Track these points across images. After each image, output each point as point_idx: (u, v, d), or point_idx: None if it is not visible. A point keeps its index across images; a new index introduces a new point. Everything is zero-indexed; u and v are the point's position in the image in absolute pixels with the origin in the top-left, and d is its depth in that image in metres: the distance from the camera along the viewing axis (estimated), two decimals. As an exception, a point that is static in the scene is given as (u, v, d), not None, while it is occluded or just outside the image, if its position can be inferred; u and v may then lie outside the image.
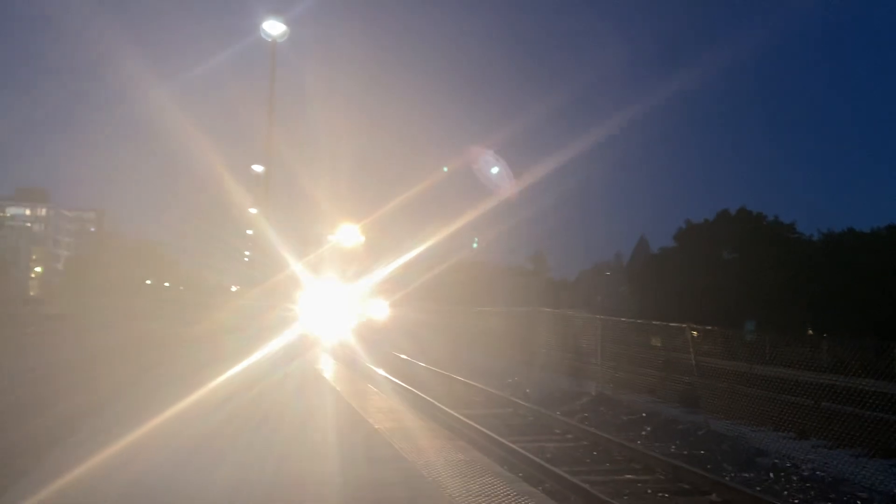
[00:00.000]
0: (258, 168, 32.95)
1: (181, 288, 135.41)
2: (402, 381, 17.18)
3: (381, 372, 19.17)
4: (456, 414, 13.06)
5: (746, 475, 9.79)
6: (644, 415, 13.98)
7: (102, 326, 33.52)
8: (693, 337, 14.53)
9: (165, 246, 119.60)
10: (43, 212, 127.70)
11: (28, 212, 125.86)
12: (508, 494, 6.29)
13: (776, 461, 10.36)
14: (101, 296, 70.69)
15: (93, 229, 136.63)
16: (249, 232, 49.97)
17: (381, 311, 32.15)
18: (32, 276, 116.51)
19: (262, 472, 7.02)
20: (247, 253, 61.19)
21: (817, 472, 9.56)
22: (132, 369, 15.63)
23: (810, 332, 35.50)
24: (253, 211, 41.47)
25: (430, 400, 14.49)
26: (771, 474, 9.72)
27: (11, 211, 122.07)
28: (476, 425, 12.00)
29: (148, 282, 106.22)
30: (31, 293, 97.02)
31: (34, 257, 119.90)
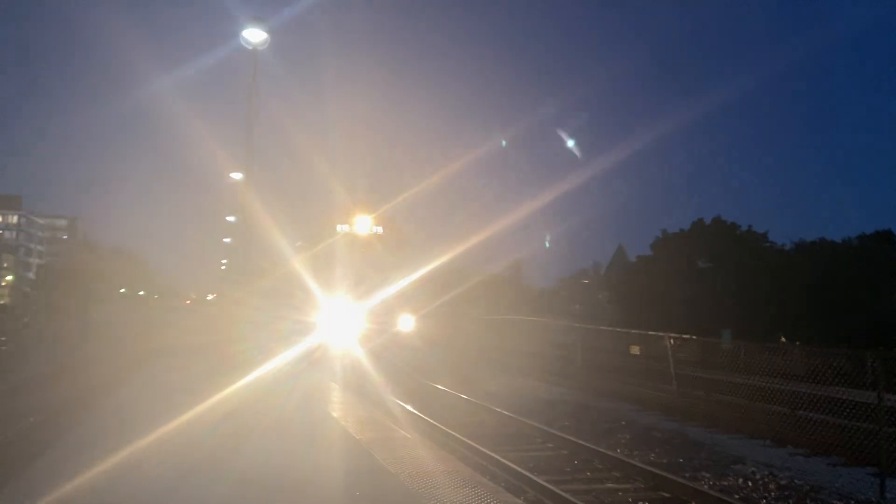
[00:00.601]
0: (237, 175, 32.60)
1: (155, 296, 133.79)
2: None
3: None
4: (437, 424, 13.04)
5: (725, 483, 9.89)
6: (623, 423, 14.07)
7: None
8: (671, 345, 14.68)
9: (142, 253, 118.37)
10: (14, 219, 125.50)
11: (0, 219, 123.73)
12: (492, 505, 6.29)
13: (754, 469, 10.49)
14: (71, 305, 69.40)
15: (65, 237, 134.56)
16: (227, 240, 49.45)
17: (388, 322, 25.84)
18: (3, 283, 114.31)
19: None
20: (224, 261, 60.62)
21: (795, 480, 9.68)
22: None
23: (783, 339, 36.01)
24: (231, 219, 41.12)
25: (415, 411, 14.45)
26: (749, 482, 9.82)
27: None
28: (458, 435, 11.99)
29: (122, 290, 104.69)
30: (2, 301, 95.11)
31: (5, 265, 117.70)
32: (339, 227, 24.69)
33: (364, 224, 24.64)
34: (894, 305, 37.71)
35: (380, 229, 25.32)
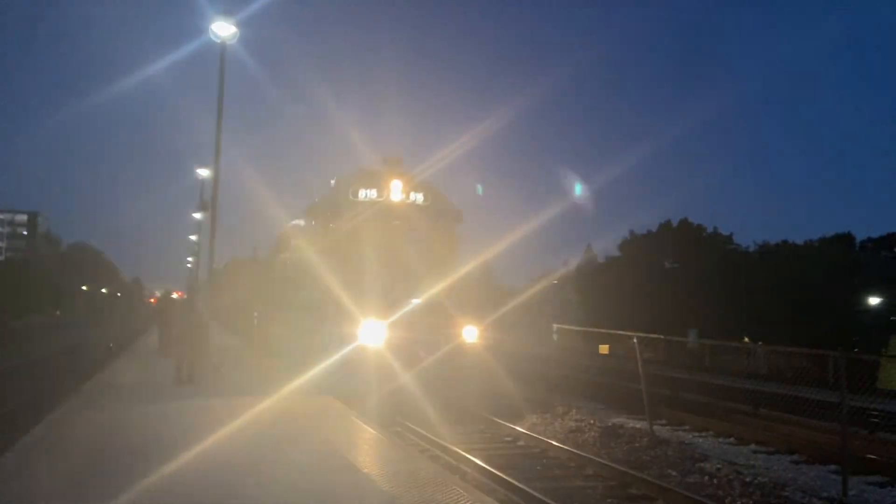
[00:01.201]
0: (203, 172, 32.08)
1: (118, 294, 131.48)
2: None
3: None
4: (405, 422, 12.97)
5: (690, 481, 10.02)
6: (592, 421, 14.15)
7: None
8: (638, 345, 14.81)
9: (106, 250, 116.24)
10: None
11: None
12: (464, 504, 6.19)
13: (719, 466, 10.63)
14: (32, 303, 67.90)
15: (25, 232, 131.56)
16: (193, 238, 48.70)
17: (442, 331, 15.26)
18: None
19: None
20: (190, 259, 59.77)
21: (759, 478, 9.83)
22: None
23: (746, 339, 36.66)
24: (198, 216, 40.52)
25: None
26: (714, 480, 9.96)
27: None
28: (428, 434, 11.96)
29: (84, 287, 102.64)
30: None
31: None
32: (362, 194, 15.92)
33: (397, 190, 15.77)
34: (855, 307, 38.66)
35: (420, 197, 16.25)
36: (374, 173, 16.10)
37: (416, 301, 14.52)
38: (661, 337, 16.63)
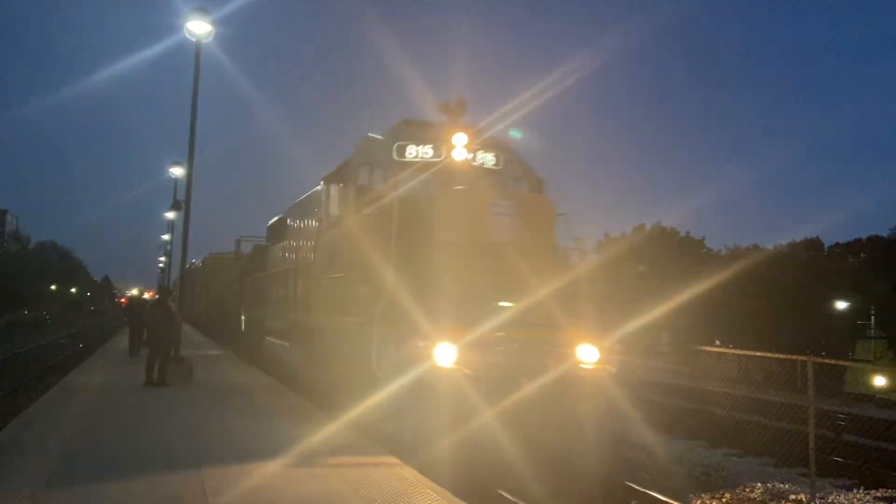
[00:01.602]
0: (177, 171, 31.73)
1: (87, 294, 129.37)
2: None
3: None
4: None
5: (663, 484, 10.15)
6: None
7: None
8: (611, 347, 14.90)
9: (77, 249, 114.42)
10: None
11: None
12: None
13: (690, 469, 10.78)
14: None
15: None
16: (165, 237, 48.14)
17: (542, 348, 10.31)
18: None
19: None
20: (162, 260, 59.07)
21: (729, 480, 9.99)
22: None
23: (717, 342, 37.08)
24: (170, 216, 40.05)
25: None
26: (686, 483, 10.10)
27: None
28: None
29: (53, 287, 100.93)
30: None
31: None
32: (410, 152, 11.62)
33: (462, 146, 11.22)
34: (823, 311, 39.26)
35: (489, 158, 12.09)
36: (427, 125, 12.10)
37: (506, 305, 10.01)
38: (633, 339, 16.74)
